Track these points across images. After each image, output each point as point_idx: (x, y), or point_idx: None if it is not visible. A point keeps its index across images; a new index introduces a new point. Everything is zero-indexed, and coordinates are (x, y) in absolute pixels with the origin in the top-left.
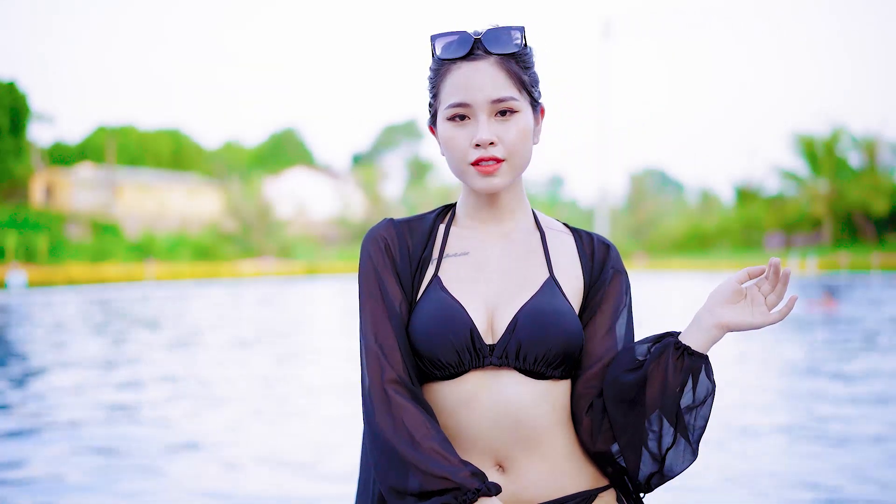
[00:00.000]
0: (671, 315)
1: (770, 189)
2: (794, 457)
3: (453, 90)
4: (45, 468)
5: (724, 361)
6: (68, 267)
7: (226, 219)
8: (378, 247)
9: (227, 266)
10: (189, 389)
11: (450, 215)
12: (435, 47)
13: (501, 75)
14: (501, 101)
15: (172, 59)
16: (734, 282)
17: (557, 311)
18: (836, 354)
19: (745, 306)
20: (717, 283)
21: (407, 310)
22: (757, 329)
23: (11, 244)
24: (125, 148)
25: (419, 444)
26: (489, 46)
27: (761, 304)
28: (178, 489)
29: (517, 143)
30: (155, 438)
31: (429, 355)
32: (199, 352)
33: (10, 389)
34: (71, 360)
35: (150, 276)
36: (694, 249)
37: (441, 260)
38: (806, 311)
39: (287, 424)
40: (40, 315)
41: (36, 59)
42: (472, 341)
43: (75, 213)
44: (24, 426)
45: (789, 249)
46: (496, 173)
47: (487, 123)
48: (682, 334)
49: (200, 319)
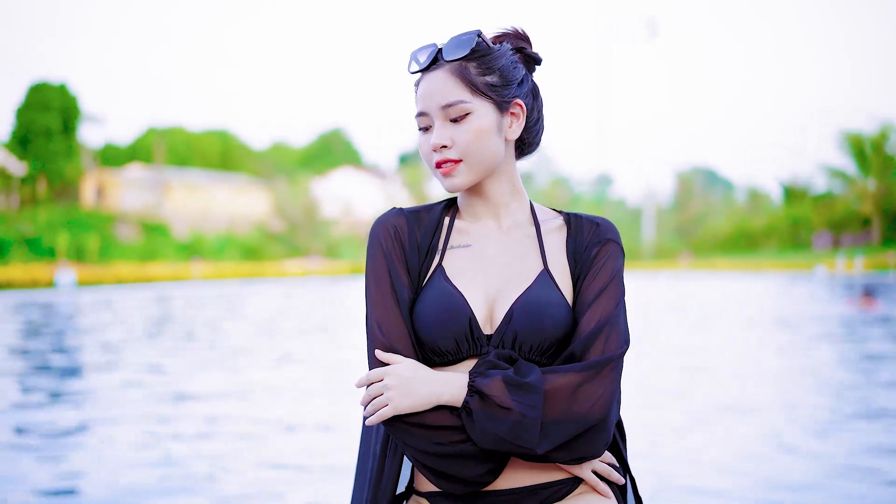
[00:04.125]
0: (708, 316)
1: (818, 187)
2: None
3: (418, 101)
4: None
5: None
6: (117, 266)
7: (273, 219)
8: (388, 234)
9: (273, 265)
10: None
11: (454, 208)
12: (410, 62)
13: (452, 81)
14: (450, 105)
15: (222, 60)
16: None
17: (550, 303)
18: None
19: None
20: (762, 283)
21: (412, 296)
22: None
23: (63, 244)
24: (174, 149)
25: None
26: (444, 55)
27: None
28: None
29: (471, 143)
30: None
31: (429, 342)
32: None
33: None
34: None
35: (197, 276)
36: (741, 249)
37: (445, 251)
38: (845, 311)
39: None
40: (90, 312)
41: (87, 62)
42: (471, 330)
43: (125, 213)
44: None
45: (837, 249)
46: (454, 174)
47: (441, 128)
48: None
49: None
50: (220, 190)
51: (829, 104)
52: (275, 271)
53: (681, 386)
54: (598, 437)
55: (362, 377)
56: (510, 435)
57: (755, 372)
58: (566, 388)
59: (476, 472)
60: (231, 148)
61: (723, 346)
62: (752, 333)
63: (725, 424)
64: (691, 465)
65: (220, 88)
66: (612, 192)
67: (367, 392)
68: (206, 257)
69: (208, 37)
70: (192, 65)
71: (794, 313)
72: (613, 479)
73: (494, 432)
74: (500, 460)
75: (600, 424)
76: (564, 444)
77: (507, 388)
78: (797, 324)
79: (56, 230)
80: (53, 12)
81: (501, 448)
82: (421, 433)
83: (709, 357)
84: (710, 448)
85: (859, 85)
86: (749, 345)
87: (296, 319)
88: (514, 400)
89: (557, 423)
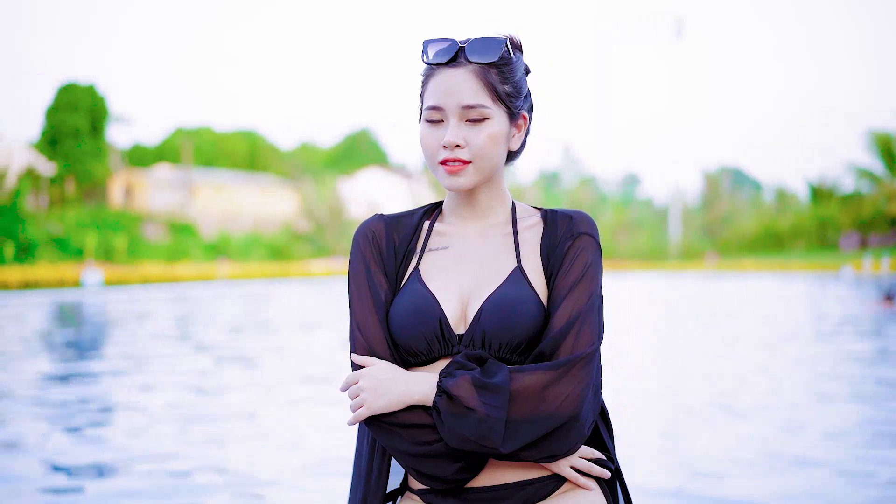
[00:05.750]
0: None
1: (846, 187)
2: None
3: (432, 94)
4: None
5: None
6: (144, 266)
7: (299, 219)
8: (367, 239)
9: (298, 265)
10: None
11: (437, 212)
12: (426, 52)
13: (477, 84)
14: (472, 107)
15: (249, 61)
16: None
17: (520, 301)
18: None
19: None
20: (787, 284)
21: (390, 299)
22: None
23: (91, 244)
24: (201, 149)
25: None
26: (469, 55)
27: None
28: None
29: (484, 147)
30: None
31: (402, 343)
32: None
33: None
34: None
35: (222, 276)
36: (768, 249)
37: (423, 254)
38: (864, 311)
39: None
40: (120, 310)
41: (115, 63)
42: (441, 331)
43: (152, 213)
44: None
45: (865, 249)
46: (461, 174)
47: (457, 127)
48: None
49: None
50: (247, 190)
51: (858, 103)
52: (300, 271)
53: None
54: (569, 435)
55: (343, 381)
56: (474, 435)
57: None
58: (534, 388)
59: (450, 470)
60: (258, 148)
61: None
62: (756, 338)
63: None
64: (717, 462)
65: (248, 89)
66: (640, 192)
67: (347, 394)
68: (233, 257)
69: (238, 38)
70: (220, 65)
71: (814, 315)
72: (595, 473)
73: (460, 432)
74: (474, 458)
75: (571, 422)
76: (534, 443)
77: (473, 388)
78: (812, 326)
79: (84, 230)
80: (86, 14)
81: (468, 448)
82: (397, 432)
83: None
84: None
85: (891, 84)
86: (748, 347)
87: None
88: (479, 400)
89: (525, 423)
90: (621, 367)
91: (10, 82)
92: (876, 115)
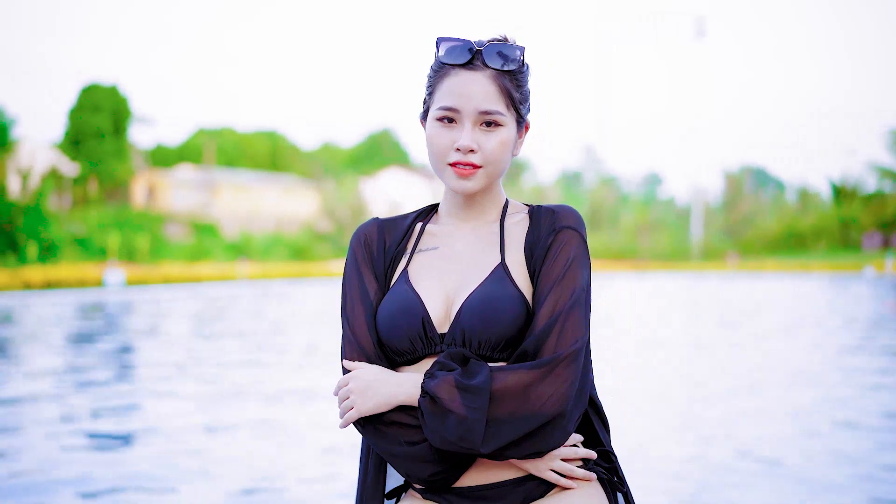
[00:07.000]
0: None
1: (868, 187)
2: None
3: (446, 94)
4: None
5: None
6: (165, 266)
7: (321, 219)
8: (359, 242)
9: (318, 265)
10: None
11: (432, 214)
12: (439, 49)
13: (493, 89)
14: (488, 113)
15: (272, 61)
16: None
17: (502, 297)
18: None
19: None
20: (807, 284)
21: (379, 300)
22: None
23: (114, 244)
24: (223, 149)
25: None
26: (488, 60)
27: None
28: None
29: (496, 153)
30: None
31: (388, 343)
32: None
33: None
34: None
35: (243, 276)
36: (790, 249)
37: (413, 255)
38: (877, 312)
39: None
40: (141, 309)
41: (138, 63)
42: (424, 330)
43: (175, 213)
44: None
45: (888, 249)
46: (471, 177)
47: (471, 131)
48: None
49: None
50: (268, 190)
51: (881, 103)
52: (321, 271)
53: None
54: (553, 433)
55: (335, 385)
56: (454, 436)
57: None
58: (516, 388)
59: (432, 470)
60: (280, 148)
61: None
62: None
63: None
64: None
65: (270, 89)
66: (662, 192)
67: (337, 398)
68: (254, 257)
69: (260, 38)
70: (242, 65)
71: (830, 314)
72: (577, 476)
73: (441, 433)
74: (460, 458)
75: (556, 420)
76: (516, 442)
77: (455, 390)
78: (826, 326)
79: (107, 230)
80: (111, 16)
81: (450, 448)
82: (384, 432)
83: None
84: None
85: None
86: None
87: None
88: (459, 401)
89: (507, 423)
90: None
91: (33, 83)
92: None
